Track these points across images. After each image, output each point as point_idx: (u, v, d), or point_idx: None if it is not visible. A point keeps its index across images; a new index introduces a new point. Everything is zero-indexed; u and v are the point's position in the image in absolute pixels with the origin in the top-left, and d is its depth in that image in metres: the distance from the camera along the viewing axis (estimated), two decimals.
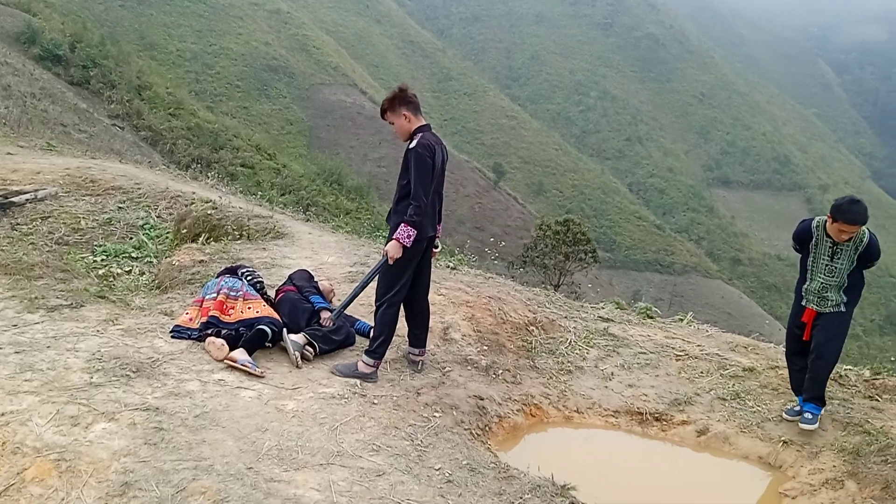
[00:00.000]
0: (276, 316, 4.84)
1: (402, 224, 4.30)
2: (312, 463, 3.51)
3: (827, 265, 4.50)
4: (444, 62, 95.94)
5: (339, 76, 69.22)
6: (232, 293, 4.85)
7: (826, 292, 4.54)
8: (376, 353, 4.53)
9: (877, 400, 4.91)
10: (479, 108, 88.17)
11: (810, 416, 4.52)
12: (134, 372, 4.08)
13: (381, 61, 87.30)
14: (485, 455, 4.03)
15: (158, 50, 58.20)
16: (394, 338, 4.71)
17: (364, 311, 5.32)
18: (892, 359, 5.92)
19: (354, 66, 76.77)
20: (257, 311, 4.78)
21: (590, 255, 23.82)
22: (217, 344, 4.45)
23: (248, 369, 4.30)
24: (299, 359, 4.54)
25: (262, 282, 5.24)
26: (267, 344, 4.61)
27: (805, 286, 4.65)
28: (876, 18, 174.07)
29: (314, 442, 3.69)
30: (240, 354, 4.38)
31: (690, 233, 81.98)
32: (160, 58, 56.59)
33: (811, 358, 4.60)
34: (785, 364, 5.06)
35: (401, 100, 4.47)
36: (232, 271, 5.18)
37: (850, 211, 4.28)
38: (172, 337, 4.65)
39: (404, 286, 4.54)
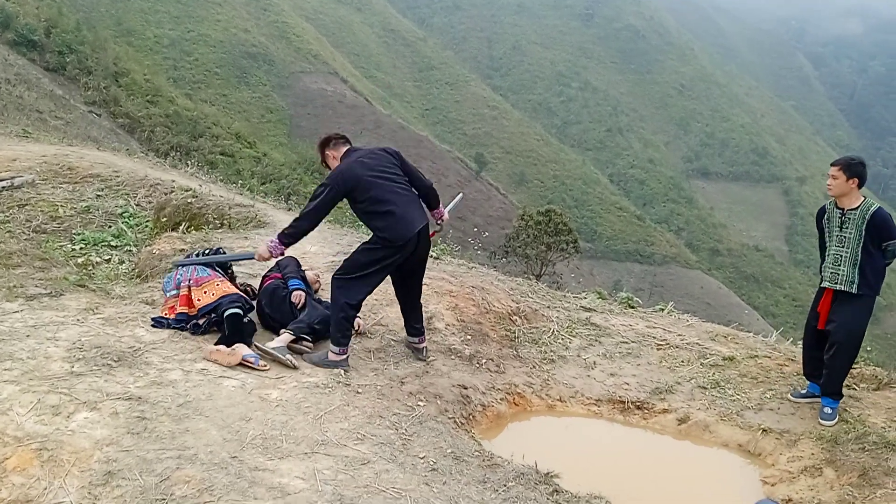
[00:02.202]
0: (232, 290, 4.70)
1: (276, 238, 4.46)
2: (297, 452, 3.50)
3: (838, 235, 4.63)
4: (425, 51, 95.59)
5: (319, 64, 68.77)
6: (185, 283, 4.73)
7: (838, 265, 4.60)
8: (335, 340, 4.49)
9: (854, 389, 4.99)
10: (461, 97, 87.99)
11: (829, 412, 4.59)
12: (115, 361, 4.04)
13: (361, 50, 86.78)
14: (469, 443, 4.05)
15: (135, 36, 57.42)
16: (373, 326, 4.69)
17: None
18: (869, 348, 6.02)
19: (335, 54, 76.29)
20: (213, 294, 4.64)
21: (571, 245, 23.92)
22: (225, 351, 4.31)
23: (252, 365, 4.27)
24: (293, 361, 4.44)
25: (220, 248, 5.14)
26: (245, 320, 4.56)
27: (823, 264, 4.76)
28: (853, 12, 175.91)
29: (298, 431, 3.69)
30: (241, 350, 4.33)
31: (670, 223, 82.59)
32: (137, 44, 55.82)
33: (828, 354, 4.63)
34: (765, 353, 5.13)
35: (322, 145, 4.69)
36: (182, 262, 5.06)
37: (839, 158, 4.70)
38: (153, 324, 4.62)
39: (365, 277, 4.47)
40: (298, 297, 4.88)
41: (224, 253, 5.18)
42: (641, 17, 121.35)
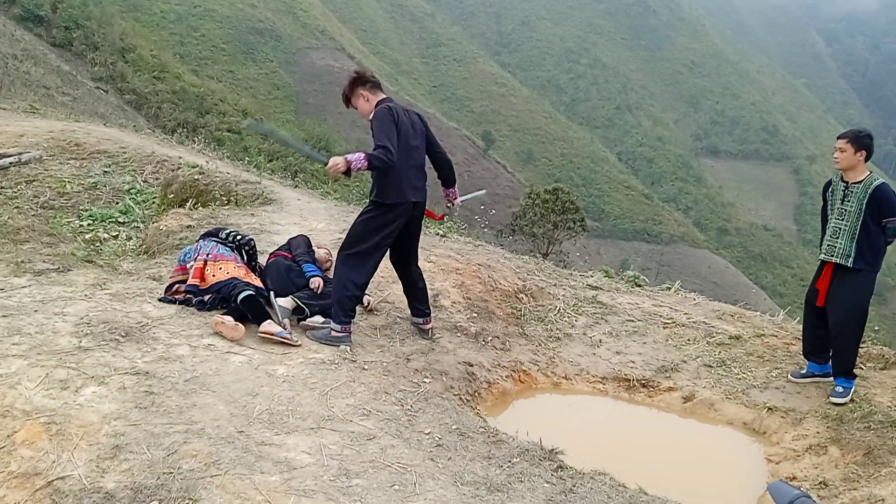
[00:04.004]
0: (246, 278, 4.69)
1: (363, 153, 4.21)
2: (303, 427, 3.52)
3: (839, 207, 4.60)
4: (433, 27, 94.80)
5: (326, 40, 68.26)
6: (202, 257, 4.77)
7: (836, 238, 4.58)
8: (337, 318, 4.49)
9: (861, 368, 4.97)
10: (469, 74, 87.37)
11: (841, 390, 4.57)
12: (123, 336, 4.06)
13: (369, 25, 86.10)
14: (474, 420, 4.07)
15: (142, 11, 56.98)
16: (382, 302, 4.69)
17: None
18: (876, 328, 6.00)
19: (342, 29, 75.70)
20: (227, 272, 4.65)
21: (578, 224, 23.79)
22: (230, 325, 4.28)
23: (287, 341, 4.31)
24: (288, 324, 4.51)
25: (251, 240, 5.13)
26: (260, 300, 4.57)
27: (822, 237, 4.75)
28: None
29: (305, 406, 3.71)
30: (273, 326, 4.36)
31: (678, 202, 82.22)
32: (144, 19, 55.42)
33: (832, 335, 4.62)
34: (771, 332, 5.12)
35: (356, 81, 4.60)
36: (213, 234, 5.07)
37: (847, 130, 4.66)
38: (161, 301, 4.63)
39: (369, 252, 4.48)
40: (317, 284, 4.89)
41: (233, 230, 5.18)
42: None
